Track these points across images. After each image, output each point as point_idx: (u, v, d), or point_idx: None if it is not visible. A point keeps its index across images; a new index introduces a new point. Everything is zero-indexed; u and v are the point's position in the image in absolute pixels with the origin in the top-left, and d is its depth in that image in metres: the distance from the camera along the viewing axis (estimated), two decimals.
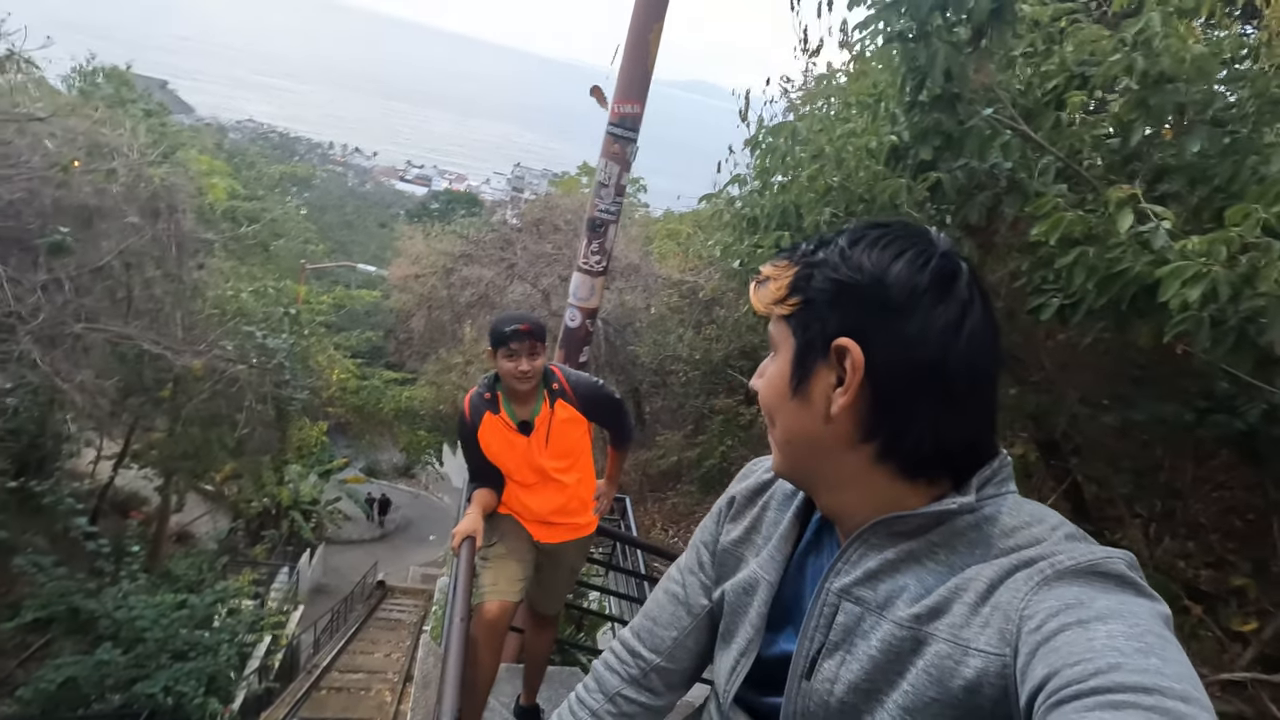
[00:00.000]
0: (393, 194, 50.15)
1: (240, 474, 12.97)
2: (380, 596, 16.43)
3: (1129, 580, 0.58)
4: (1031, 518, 0.65)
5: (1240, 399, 3.07)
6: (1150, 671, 0.49)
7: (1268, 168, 2.54)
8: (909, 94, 3.07)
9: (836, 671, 0.67)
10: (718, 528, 0.87)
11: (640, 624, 0.90)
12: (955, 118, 3.06)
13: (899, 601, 0.65)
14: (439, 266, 10.51)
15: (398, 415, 17.78)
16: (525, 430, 2.19)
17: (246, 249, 12.14)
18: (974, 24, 2.93)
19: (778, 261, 0.71)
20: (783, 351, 0.70)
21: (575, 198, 12.84)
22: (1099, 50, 3.17)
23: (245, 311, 9.91)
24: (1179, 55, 2.71)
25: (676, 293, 9.97)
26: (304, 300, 13.58)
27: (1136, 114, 2.94)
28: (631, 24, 2.87)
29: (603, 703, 0.87)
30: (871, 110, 3.45)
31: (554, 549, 2.34)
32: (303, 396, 11.01)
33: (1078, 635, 0.53)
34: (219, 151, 13.74)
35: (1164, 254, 2.32)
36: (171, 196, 7.68)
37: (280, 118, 56.90)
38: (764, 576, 0.77)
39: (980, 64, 3.07)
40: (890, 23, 3.00)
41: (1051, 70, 3.32)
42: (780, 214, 3.62)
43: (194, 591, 7.57)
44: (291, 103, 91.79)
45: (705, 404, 10.69)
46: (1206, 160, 2.80)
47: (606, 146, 3.02)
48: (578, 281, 3.04)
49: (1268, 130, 2.79)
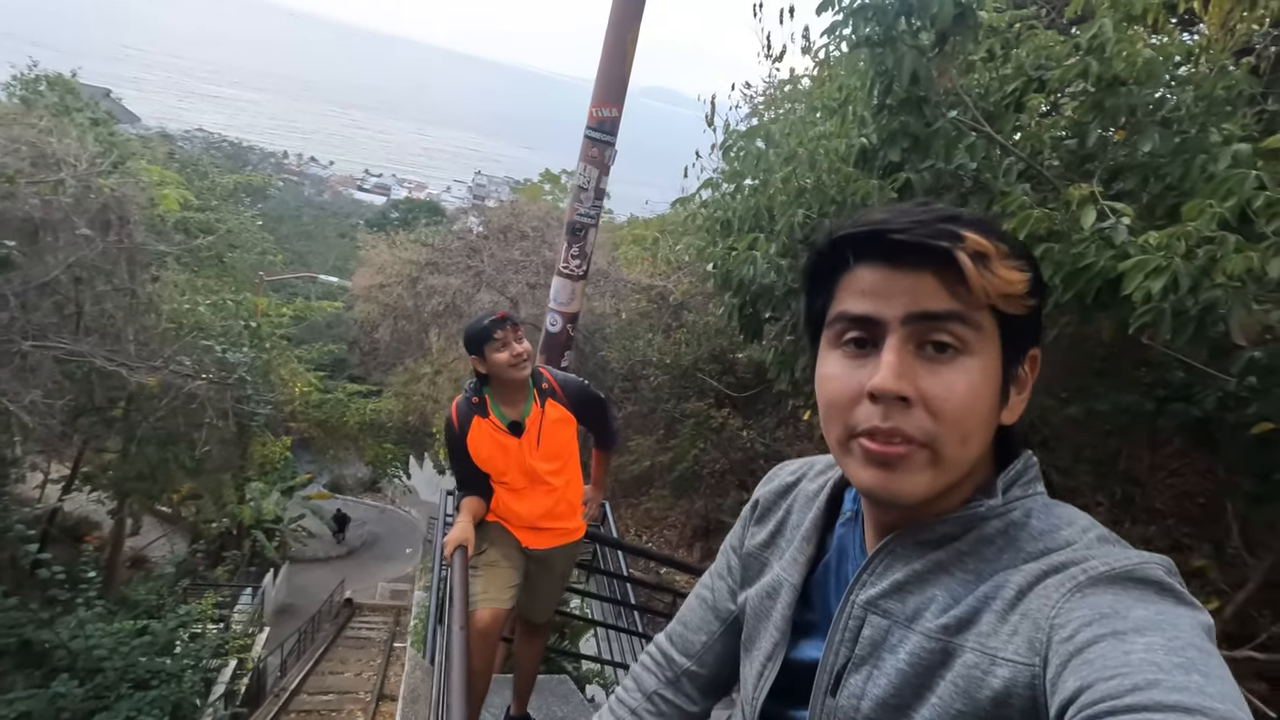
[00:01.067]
0: (351, 203, 49.28)
1: (199, 494, 12.54)
2: (348, 615, 16.05)
3: (1168, 588, 0.55)
4: (1061, 520, 0.62)
5: (1196, 388, 3.21)
6: (1191, 690, 0.45)
7: (1216, 166, 2.66)
8: (877, 97, 3.14)
9: (863, 687, 0.65)
10: (744, 531, 0.85)
11: (674, 628, 0.90)
12: (922, 120, 3.14)
13: (927, 613, 0.63)
14: (404, 275, 10.34)
15: (363, 428, 17.42)
16: (516, 431, 2.17)
17: (201, 261, 11.79)
18: (938, 29, 3.01)
19: (988, 236, 0.59)
20: (988, 353, 0.60)
21: (541, 204, 12.79)
22: (1054, 55, 3.30)
23: (203, 325, 9.59)
24: (1131, 59, 2.84)
25: (645, 297, 10.00)
26: (263, 313, 13.23)
27: (1091, 115, 3.07)
28: (608, 29, 2.89)
29: (641, 701, 0.88)
30: (840, 114, 3.52)
31: (544, 555, 2.32)
32: (265, 411, 10.70)
33: (1113, 647, 0.50)
34: (169, 161, 13.30)
35: (1125, 249, 2.42)
36: (122, 208, 7.40)
37: (231, 127, 55.49)
38: (787, 579, 0.75)
39: (943, 68, 3.17)
40: (857, 28, 3.07)
41: (1010, 74, 3.44)
42: (753, 216, 3.67)
43: (154, 617, 7.28)
44: (243, 112, 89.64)
45: (676, 408, 10.72)
46: (1158, 159, 2.93)
47: (585, 150, 3.03)
48: (558, 286, 3.03)
49: (1214, 130, 2.92)
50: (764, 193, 3.47)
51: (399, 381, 12.92)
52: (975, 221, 0.59)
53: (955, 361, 0.59)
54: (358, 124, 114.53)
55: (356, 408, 17.35)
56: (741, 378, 10.17)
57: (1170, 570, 0.57)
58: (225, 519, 14.02)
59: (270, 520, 15.64)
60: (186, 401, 8.48)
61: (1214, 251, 2.17)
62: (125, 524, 12.31)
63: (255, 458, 14.26)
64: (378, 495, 24.74)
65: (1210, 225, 2.19)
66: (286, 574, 16.59)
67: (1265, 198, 2.22)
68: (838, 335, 0.64)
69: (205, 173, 14.46)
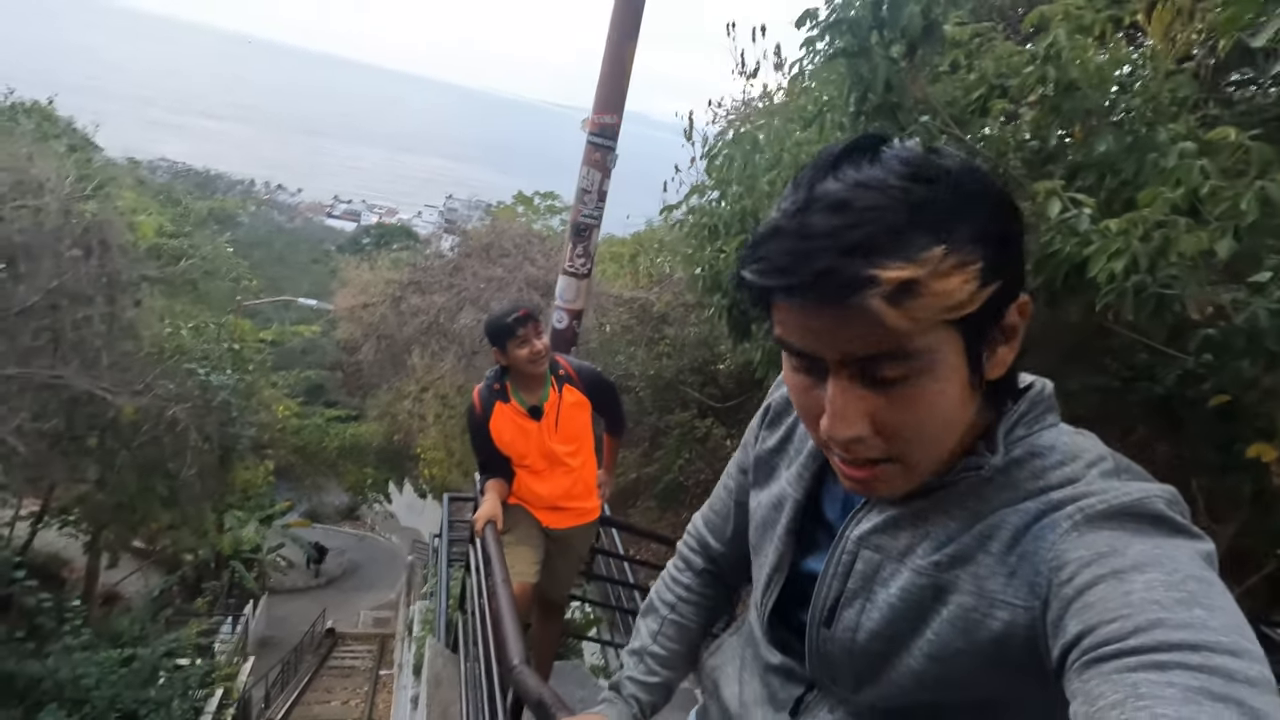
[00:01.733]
0: (322, 230, 49.02)
1: (176, 525, 12.29)
2: (330, 645, 15.74)
3: (1166, 519, 0.54)
4: (1065, 454, 0.60)
5: (1157, 367, 3.45)
6: (1195, 625, 0.45)
7: (1166, 161, 2.91)
8: (853, 104, 3.36)
9: (857, 620, 0.66)
10: (757, 433, 0.85)
11: (707, 513, 0.97)
12: (896, 125, 3.37)
13: (919, 549, 0.63)
14: (387, 295, 10.39)
15: (342, 453, 17.24)
16: (536, 415, 2.30)
17: (176, 288, 11.69)
18: (908, 41, 3.25)
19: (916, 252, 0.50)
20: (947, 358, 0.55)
21: (518, 224, 12.94)
22: (1013, 65, 3.56)
23: (185, 349, 9.52)
24: (1084, 65, 3.09)
25: (627, 311, 10.16)
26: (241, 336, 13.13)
27: (1050, 119, 3.32)
28: (607, 43, 3.07)
29: (692, 579, 0.98)
30: (818, 122, 3.74)
31: (562, 535, 2.44)
32: (250, 433, 10.59)
33: (1113, 588, 0.49)
34: (142, 188, 13.22)
35: (1089, 236, 2.64)
36: (103, 232, 7.38)
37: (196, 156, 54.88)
38: (791, 494, 0.75)
39: (914, 77, 3.40)
40: (834, 40, 3.30)
41: (974, 82, 3.70)
42: (740, 220, 3.85)
43: (138, 646, 7.13)
44: (208, 141, 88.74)
45: (660, 420, 10.84)
46: (1113, 157, 3.18)
47: (588, 155, 3.19)
48: (564, 284, 3.18)
49: (1161, 130, 3.18)
50: (750, 197, 3.65)
51: (384, 401, 12.87)
52: (898, 231, 0.50)
53: (906, 386, 0.54)
54: (326, 151, 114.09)
55: (336, 433, 17.18)
56: (724, 387, 10.35)
57: (1172, 500, 0.56)
58: (204, 549, 13.73)
59: (249, 550, 15.34)
60: (168, 428, 8.38)
61: (1168, 234, 2.40)
62: (100, 558, 11.99)
63: (237, 483, 14.03)
64: (356, 523, 24.36)
65: (1163, 210, 2.42)
66: (266, 605, 16.24)
67: (1210, 186, 2.45)
68: (786, 353, 0.60)
69: (178, 199, 14.38)
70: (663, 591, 0.98)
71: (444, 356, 9.86)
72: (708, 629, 1.00)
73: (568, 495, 2.39)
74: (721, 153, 4.07)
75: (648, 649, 0.95)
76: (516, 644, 1.36)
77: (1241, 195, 2.27)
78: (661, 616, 0.96)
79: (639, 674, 0.94)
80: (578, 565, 2.67)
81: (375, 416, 16.16)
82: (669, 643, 0.95)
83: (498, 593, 1.63)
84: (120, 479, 9.27)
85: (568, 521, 2.43)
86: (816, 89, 4.10)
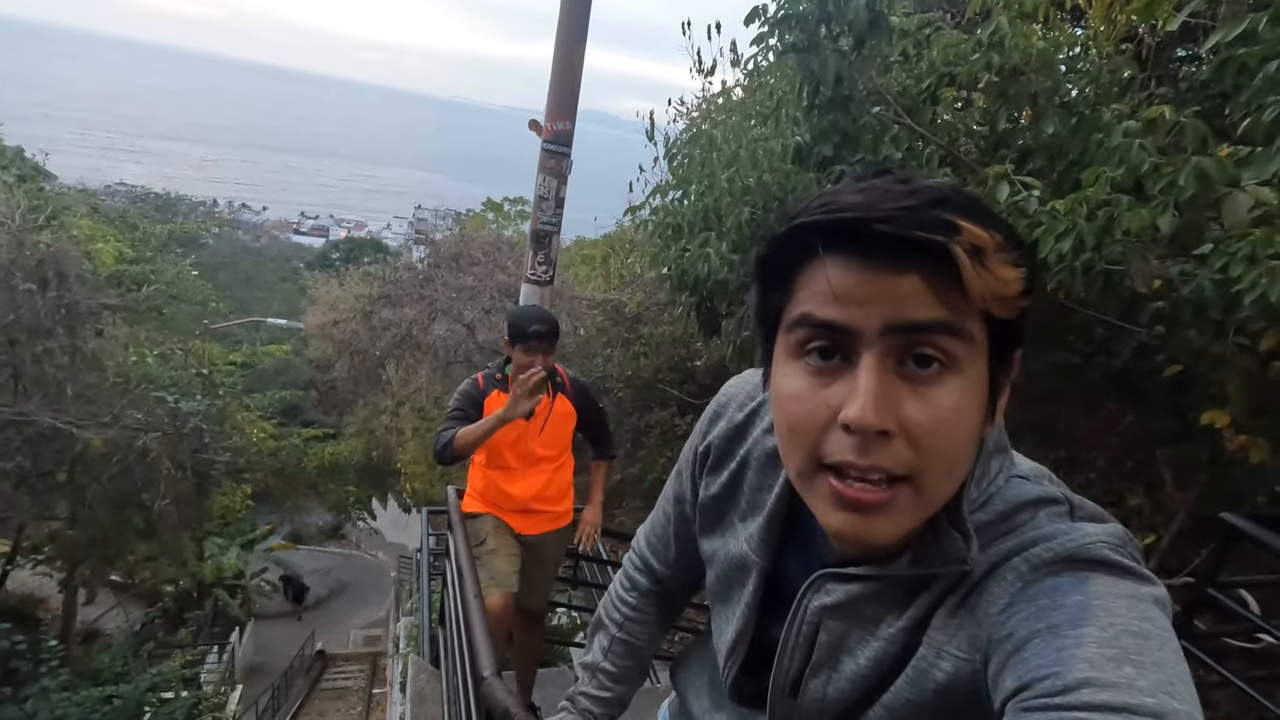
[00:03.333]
0: (290, 247, 48.32)
1: (154, 556, 12.04)
2: (321, 667, 15.54)
3: (1112, 564, 0.53)
4: (1010, 504, 0.58)
5: (1114, 342, 3.54)
6: (1120, 685, 0.45)
7: (1110, 141, 2.99)
8: (806, 98, 3.40)
9: (824, 690, 0.65)
10: (696, 476, 0.80)
11: (649, 537, 0.95)
12: (849, 117, 3.41)
13: (889, 617, 0.61)
14: (357, 310, 10.29)
15: (322, 473, 17.01)
16: (527, 415, 2.32)
17: (140, 315, 11.46)
18: (855, 34, 3.30)
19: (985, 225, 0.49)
20: (974, 366, 0.52)
21: (488, 232, 12.88)
22: (960, 53, 3.62)
23: (151, 377, 9.33)
24: (1026, 50, 3.16)
25: (601, 313, 10.16)
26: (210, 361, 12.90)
27: (998, 104, 3.39)
28: (556, 47, 3.08)
29: (637, 600, 0.97)
30: (774, 117, 3.77)
31: (536, 541, 2.44)
32: (225, 459, 10.41)
33: (1048, 643, 0.49)
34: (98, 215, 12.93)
35: (1038, 217, 2.70)
36: (59, 263, 7.21)
37: (155, 179, 53.89)
38: (755, 560, 0.71)
39: (864, 69, 3.45)
40: (783, 37, 3.33)
41: (923, 71, 3.76)
42: (703, 218, 3.88)
43: (120, 684, 6.98)
44: (166, 163, 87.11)
45: (640, 420, 10.85)
46: (1060, 139, 3.26)
47: (543, 162, 3.20)
48: (527, 293, 3.18)
49: (1105, 111, 3.26)
50: (711, 195, 3.68)
51: (360, 418, 12.72)
52: (967, 204, 0.50)
53: (941, 380, 0.51)
54: (291, 167, 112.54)
55: (314, 452, 16.95)
56: (702, 384, 10.39)
57: (1117, 545, 0.54)
58: (185, 579, 13.47)
59: (232, 577, 15.09)
60: (139, 458, 8.21)
61: (1112, 212, 2.46)
62: (77, 595, 11.72)
63: (216, 510, 13.78)
64: (342, 542, 24.07)
65: (1105, 189, 2.48)
66: (252, 632, 15.98)
67: (1151, 163, 2.52)
68: (799, 344, 0.54)
69: (135, 225, 14.08)
70: (610, 610, 0.99)
71: (419, 369, 9.79)
72: (657, 641, 1.01)
73: (539, 497, 2.40)
74: (681, 152, 4.09)
75: (599, 665, 0.96)
76: (487, 656, 1.37)
77: (1180, 171, 2.34)
78: (611, 635, 0.97)
79: (592, 689, 0.96)
80: (554, 572, 2.67)
81: (353, 434, 15.99)
82: (619, 660, 0.96)
83: (469, 604, 1.63)
84: (93, 513, 9.07)
85: (540, 526, 2.43)
86: (772, 84, 4.15)
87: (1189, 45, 4.09)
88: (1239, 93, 2.50)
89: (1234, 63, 2.40)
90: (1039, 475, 0.62)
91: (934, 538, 0.57)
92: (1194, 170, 2.31)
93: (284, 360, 19.20)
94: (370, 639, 17.02)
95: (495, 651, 1.53)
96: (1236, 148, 2.55)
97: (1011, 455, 0.62)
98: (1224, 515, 1.95)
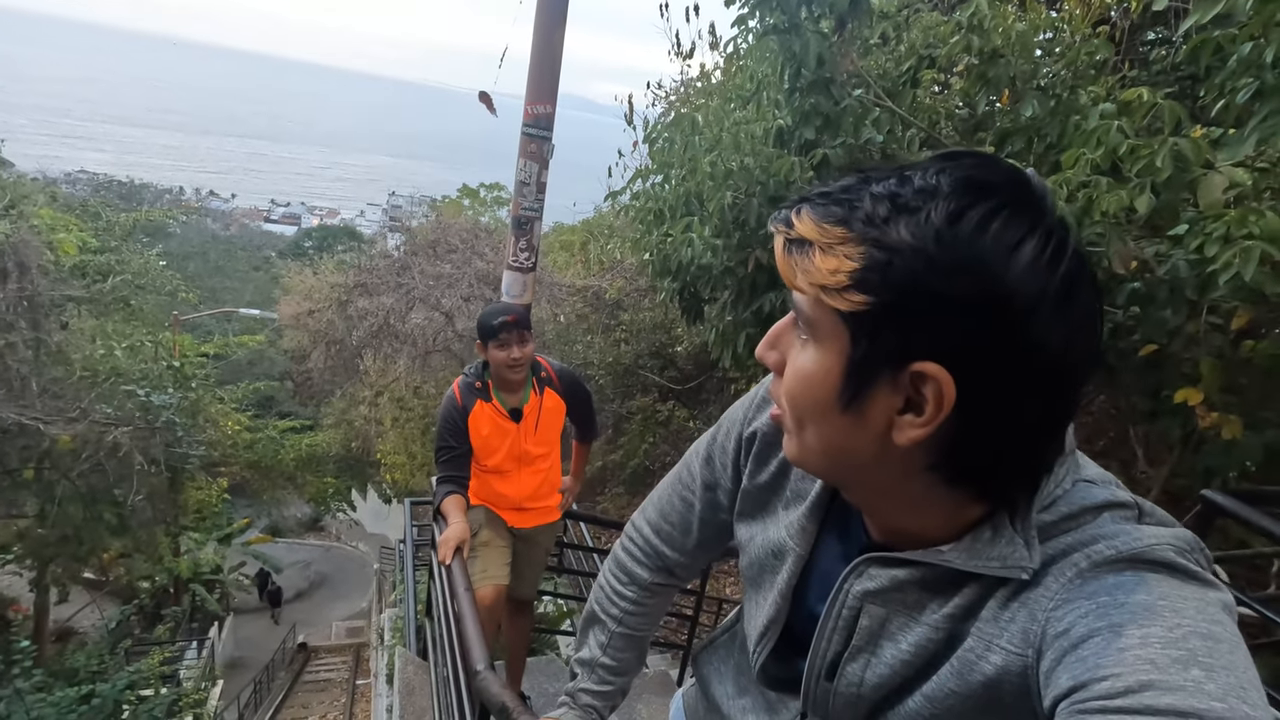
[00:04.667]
0: (260, 235, 47.42)
1: (128, 552, 11.81)
2: (303, 660, 15.42)
3: (1178, 568, 0.51)
4: (1073, 505, 0.56)
5: None
6: (1188, 689, 0.43)
7: (1087, 123, 3.01)
8: (788, 81, 3.38)
9: (862, 675, 0.65)
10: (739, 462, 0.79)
11: (658, 523, 0.91)
12: (830, 99, 3.40)
13: (933, 603, 0.60)
14: (333, 299, 10.10)
15: (299, 464, 16.79)
16: (516, 418, 2.29)
17: (106, 306, 11.15)
18: (836, 15, 3.28)
19: (825, 220, 0.52)
20: (830, 348, 0.54)
21: (465, 218, 12.72)
22: (939, 35, 3.63)
23: (120, 370, 9.08)
24: (1006, 32, 3.17)
25: (581, 299, 10.11)
26: (181, 352, 12.61)
27: (978, 86, 3.40)
28: (535, 29, 3.02)
29: (638, 593, 0.94)
30: (755, 100, 3.75)
31: (529, 534, 2.43)
32: (199, 452, 10.20)
33: (1108, 642, 0.47)
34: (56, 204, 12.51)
35: None
36: (20, 254, 6.96)
37: (119, 167, 52.35)
38: (794, 548, 0.71)
39: (845, 51, 3.44)
40: (764, 18, 3.30)
41: (904, 54, 3.76)
42: (684, 202, 3.86)
43: (97, 682, 6.86)
44: (129, 150, 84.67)
45: (622, 406, 10.87)
46: (1039, 122, 3.28)
47: (524, 147, 3.14)
48: (509, 279, 3.14)
49: (1082, 93, 3.29)
50: (693, 179, 3.65)
51: (337, 409, 12.56)
52: (841, 202, 0.52)
53: (804, 345, 0.56)
54: (260, 154, 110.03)
55: (291, 444, 16.72)
56: (683, 369, 10.42)
57: (1185, 548, 0.52)
58: (161, 575, 13.25)
59: (209, 571, 14.88)
60: (110, 453, 8.02)
61: (1090, 193, 2.48)
62: (49, 594, 11.47)
63: (190, 504, 13.54)
64: (321, 534, 23.85)
65: (1085, 171, 2.50)
66: (232, 626, 15.80)
67: (1129, 145, 2.55)
68: None
69: (98, 213, 13.65)
70: (606, 604, 0.96)
71: (397, 359, 9.66)
72: (654, 628, 1.00)
73: (534, 496, 2.39)
74: (662, 136, 4.06)
75: (598, 661, 0.95)
76: (479, 648, 1.35)
77: (1157, 153, 2.36)
78: (609, 630, 0.95)
79: (592, 684, 0.94)
80: (544, 562, 2.67)
81: (331, 425, 15.78)
82: (618, 653, 0.95)
83: (459, 597, 1.62)
84: (63, 510, 8.85)
85: (533, 521, 2.42)
86: (752, 67, 4.12)
87: (1159, 29, 4.14)
88: (1211, 75, 2.53)
89: (1209, 45, 2.42)
90: (1106, 480, 0.60)
91: (993, 535, 0.56)
92: (1171, 152, 2.33)
93: (258, 351, 18.86)
94: (353, 630, 16.92)
95: (487, 644, 1.52)
96: (1210, 129, 2.58)
97: (1078, 458, 0.60)
98: (1205, 492, 1.99)
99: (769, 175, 3.33)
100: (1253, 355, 2.77)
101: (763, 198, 3.27)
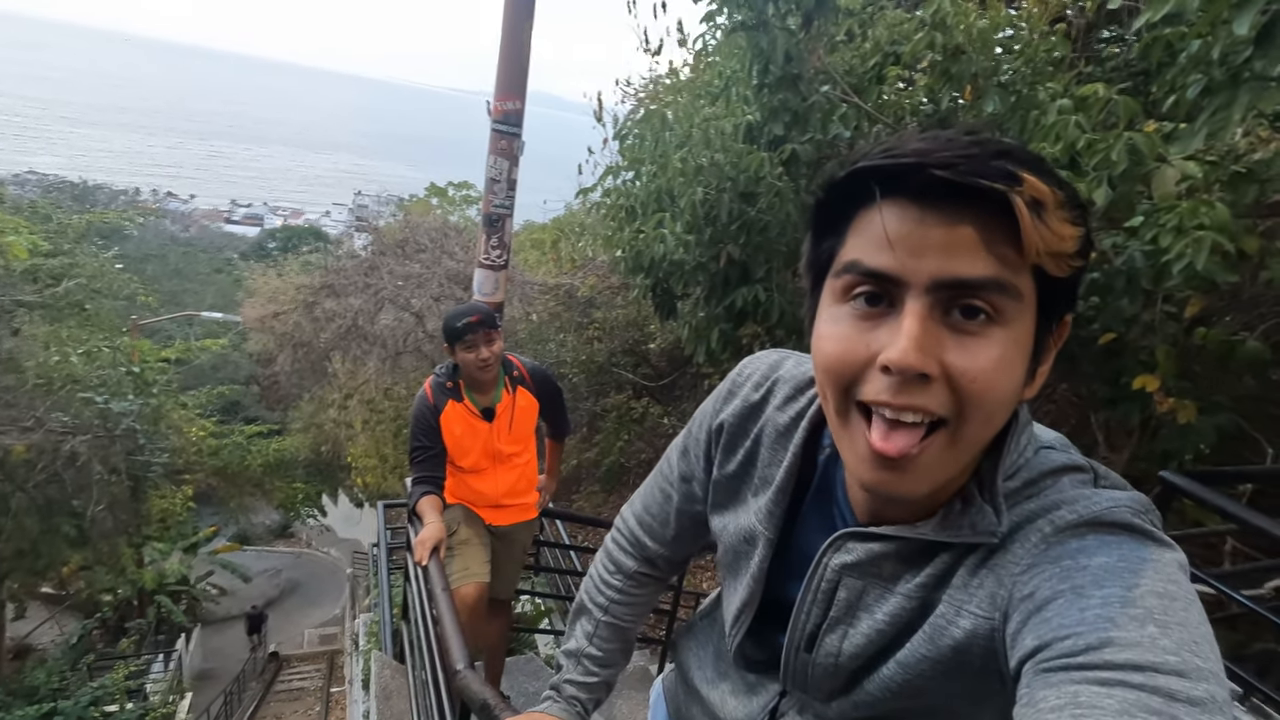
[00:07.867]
0: (222, 237, 46.27)
1: (89, 565, 11.45)
2: (275, 669, 15.13)
3: (1136, 529, 0.53)
4: (1034, 470, 0.59)
5: None
6: (1144, 645, 0.46)
7: (1046, 118, 3.09)
8: (756, 77, 3.41)
9: (839, 645, 0.66)
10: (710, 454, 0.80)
11: (640, 515, 0.94)
12: (798, 95, 3.44)
13: (908, 574, 0.62)
14: (299, 301, 9.89)
15: (267, 470, 16.43)
16: (489, 417, 2.28)
17: (60, 311, 10.78)
18: (803, 12, 3.32)
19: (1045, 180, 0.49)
20: (1021, 323, 0.52)
21: (434, 217, 12.55)
22: (903, 32, 3.69)
23: (77, 377, 8.78)
24: (968, 29, 3.23)
25: (553, 297, 10.06)
26: (141, 358, 12.23)
27: (941, 83, 3.46)
28: (503, 25, 2.99)
29: (624, 582, 0.96)
30: (724, 96, 3.77)
31: (506, 531, 2.42)
32: (162, 460, 9.92)
33: (1070, 603, 0.50)
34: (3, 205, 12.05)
35: None
36: None
37: (71, 167, 50.62)
38: (763, 532, 0.72)
39: (812, 48, 3.48)
40: (731, 14, 3.33)
41: (869, 50, 3.81)
42: (656, 199, 3.87)
43: (59, 700, 6.65)
44: (80, 150, 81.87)
45: (596, 404, 10.85)
46: (999, 117, 3.36)
47: (494, 143, 3.12)
48: (481, 278, 3.11)
49: (1041, 89, 3.37)
50: (664, 175, 3.66)
51: (305, 413, 12.30)
52: (1030, 159, 0.50)
53: (986, 332, 0.51)
54: (219, 154, 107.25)
55: (258, 449, 16.35)
56: (656, 366, 10.44)
57: (1140, 510, 0.55)
58: (124, 587, 12.87)
59: (175, 582, 14.49)
60: (68, 463, 7.76)
61: None
62: (5, 610, 11.07)
63: (154, 513, 13.17)
64: (292, 540, 23.39)
65: None
66: (200, 637, 15.42)
67: (1086, 139, 2.62)
68: (846, 289, 0.55)
69: (48, 215, 13.18)
70: (594, 594, 0.97)
71: (366, 360, 9.51)
72: (641, 621, 1.00)
73: (511, 493, 2.38)
74: (632, 132, 4.06)
75: (584, 651, 0.95)
76: (459, 648, 1.34)
77: (1112, 147, 2.43)
78: (596, 619, 0.96)
79: (578, 675, 0.94)
80: (522, 560, 2.66)
81: (299, 429, 15.48)
82: (604, 644, 0.95)
83: (438, 598, 1.60)
84: (18, 523, 8.54)
85: (511, 518, 2.42)
86: (720, 63, 4.14)
87: (1113, 27, 4.26)
88: (1162, 71, 2.62)
89: (1160, 42, 2.50)
90: (1065, 445, 0.62)
91: (964, 506, 0.58)
92: (1126, 146, 2.41)
93: (221, 355, 18.39)
94: (326, 638, 16.64)
95: (467, 643, 1.51)
96: (1162, 124, 2.67)
97: (1034, 428, 0.63)
98: (1163, 474, 2.06)
99: (739, 171, 3.35)
100: (1205, 342, 2.87)
101: (733, 193, 3.30)
